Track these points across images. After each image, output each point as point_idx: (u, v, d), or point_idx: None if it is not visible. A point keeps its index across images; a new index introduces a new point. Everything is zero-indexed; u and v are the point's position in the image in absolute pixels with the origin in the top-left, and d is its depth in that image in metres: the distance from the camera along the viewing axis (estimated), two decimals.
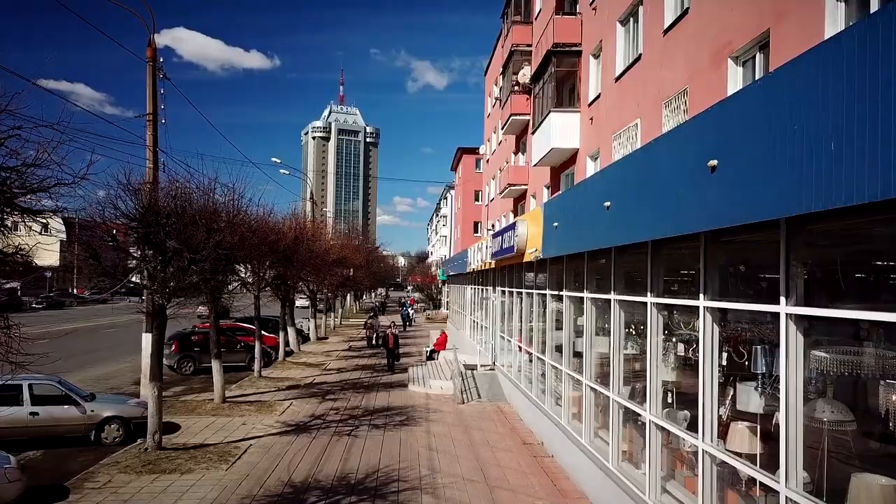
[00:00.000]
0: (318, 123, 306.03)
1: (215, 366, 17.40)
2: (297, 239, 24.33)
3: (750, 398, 6.55)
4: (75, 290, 77.60)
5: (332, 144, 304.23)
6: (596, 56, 19.17)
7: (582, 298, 11.45)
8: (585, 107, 19.64)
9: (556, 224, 11.33)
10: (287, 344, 29.29)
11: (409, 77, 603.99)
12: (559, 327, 13.90)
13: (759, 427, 6.60)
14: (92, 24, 17.22)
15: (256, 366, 22.18)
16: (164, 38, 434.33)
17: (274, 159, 43.57)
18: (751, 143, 5.04)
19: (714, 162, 5.50)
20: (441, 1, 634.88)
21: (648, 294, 8.33)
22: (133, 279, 12.90)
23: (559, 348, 13.71)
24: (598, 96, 18.48)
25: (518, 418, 16.61)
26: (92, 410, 13.70)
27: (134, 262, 12.98)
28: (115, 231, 12.81)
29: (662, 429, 8.16)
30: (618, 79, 16.75)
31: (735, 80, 10.83)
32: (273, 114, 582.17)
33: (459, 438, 14.36)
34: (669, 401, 8.59)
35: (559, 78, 20.91)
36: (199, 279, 13.34)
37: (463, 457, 12.83)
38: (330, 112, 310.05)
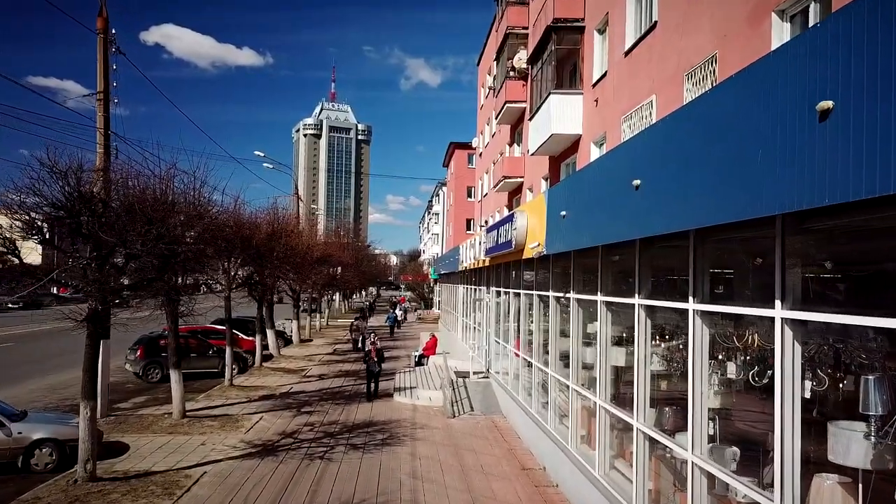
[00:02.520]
0: (310, 121, 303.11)
1: (174, 376, 15.44)
2: (273, 234, 22.38)
3: (850, 446, 4.69)
4: (57, 290, 75.18)
5: (323, 142, 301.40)
6: (601, 31, 17.30)
7: (594, 302, 9.58)
8: (589, 88, 17.77)
9: (563, 213, 9.45)
10: (266, 348, 27.34)
11: (403, 75, 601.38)
12: (564, 333, 12.06)
13: (860, 486, 4.76)
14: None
15: (227, 373, 20.22)
16: (153, 35, 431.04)
17: (257, 153, 41.51)
18: None
19: (828, 104, 3.63)
20: None
21: (691, 299, 6.45)
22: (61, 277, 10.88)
23: (565, 356, 11.86)
24: (603, 75, 16.62)
25: (515, 435, 14.73)
26: (20, 432, 11.74)
27: (67, 258, 11.02)
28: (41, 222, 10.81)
29: (709, 474, 6.29)
30: (627, 53, 14.89)
31: (781, 38, 8.98)
32: (266, 112, 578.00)
33: (449, 462, 12.46)
34: (711, 432, 6.73)
35: (560, 57, 19.03)
36: (143, 279, 11.41)
37: (452, 487, 10.93)
38: (321, 109, 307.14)
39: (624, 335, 9.41)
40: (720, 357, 6.66)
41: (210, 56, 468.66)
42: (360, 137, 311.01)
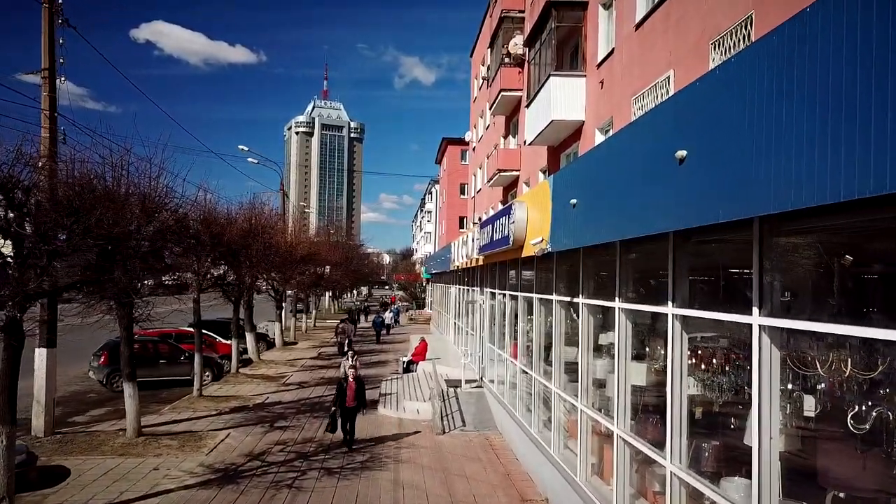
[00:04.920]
0: (302, 118, 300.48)
1: (127, 390, 13.69)
2: (250, 231, 20.65)
3: None
4: None
5: (315, 139, 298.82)
6: (607, 6, 15.67)
7: (611, 309, 7.94)
8: (593, 69, 16.13)
9: (573, 202, 7.80)
10: (244, 352, 25.63)
11: (397, 73, 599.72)
12: (570, 343, 10.44)
13: None
14: None
15: (196, 382, 18.46)
16: (143, 33, 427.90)
17: (241, 147, 39.69)
18: None
19: None
20: None
21: (755, 310, 4.82)
22: None
23: (571, 370, 10.24)
24: (610, 53, 14.98)
25: (512, 455, 13.09)
26: None
27: None
28: None
29: None
30: (639, 26, 13.26)
31: None
32: (259, 110, 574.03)
33: (437, 492, 10.79)
34: (778, 483, 5.11)
35: (560, 38, 17.39)
36: (76, 280, 9.70)
37: None
38: (314, 107, 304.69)
39: (647, 350, 7.80)
40: (790, 387, 5.03)
41: (202, 53, 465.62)
42: (352, 135, 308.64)
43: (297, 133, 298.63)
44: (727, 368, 6.09)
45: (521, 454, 12.63)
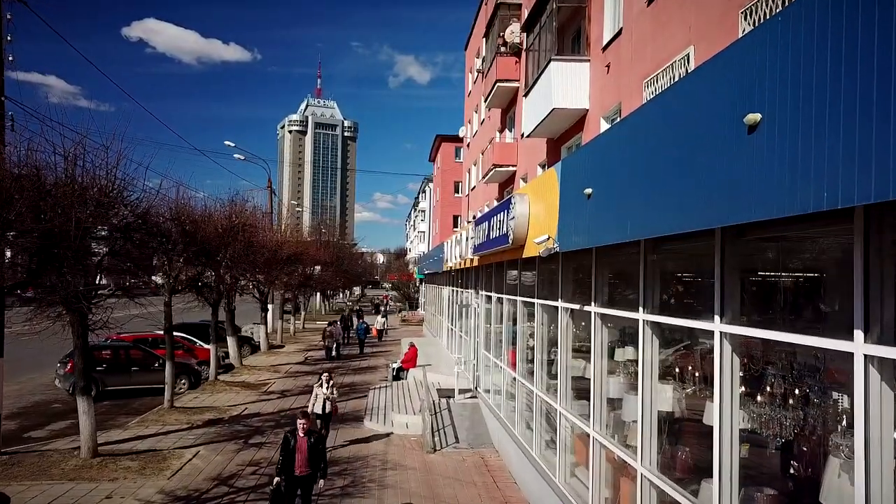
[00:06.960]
0: (295, 117, 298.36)
1: (81, 405, 12.27)
2: (230, 229, 19.25)
3: None
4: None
5: (308, 138, 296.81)
6: None
7: (633, 321, 6.61)
8: (598, 53, 14.81)
9: (587, 191, 6.47)
10: (226, 357, 24.22)
11: (391, 72, 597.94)
12: (578, 354, 9.14)
13: None
14: None
15: (167, 393, 17.01)
16: (136, 31, 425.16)
17: (227, 143, 38.28)
18: None
19: None
20: None
21: (857, 335, 3.50)
22: None
23: (578, 384, 8.95)
24: (618, 33, 13.66)
25: (510, 478, 11.77)
26: None
27: None
28: None
29: None
30: (651, 0, 11.95)
31: None
32: (254, 109, 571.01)
33: None
34: None
35: (562, 21, 16.08)
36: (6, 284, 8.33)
37: None
38: (307, 105, 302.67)
39: (677, 370, 6.48)
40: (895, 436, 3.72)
41: (195, 51, 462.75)
42: (346, 134, 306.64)
43: (290, 132, 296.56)
44: (791, 401, 4.79)
45: (521, 478, 11.31)
